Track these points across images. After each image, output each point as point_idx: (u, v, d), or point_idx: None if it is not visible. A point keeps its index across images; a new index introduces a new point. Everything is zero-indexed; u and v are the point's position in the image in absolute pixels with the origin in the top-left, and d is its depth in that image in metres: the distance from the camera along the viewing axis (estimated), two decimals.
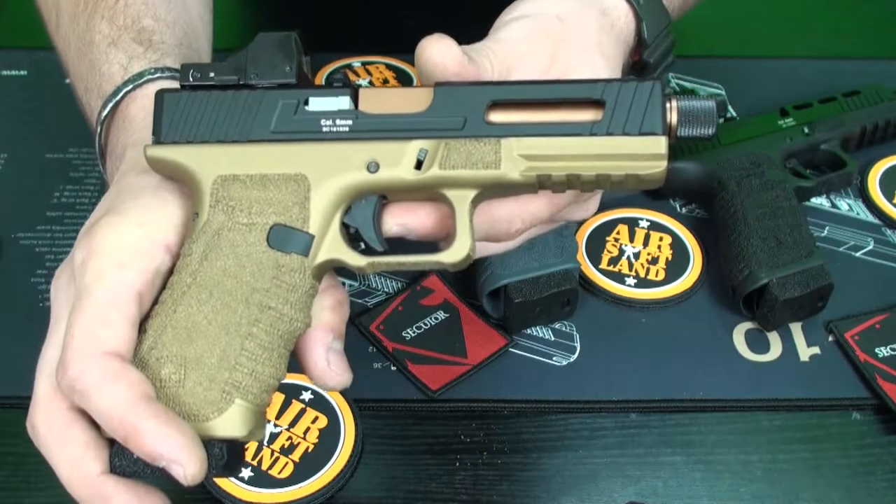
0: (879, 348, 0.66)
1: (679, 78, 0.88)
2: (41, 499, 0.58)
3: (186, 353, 0.44)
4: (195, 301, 0.45)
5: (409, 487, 0.59)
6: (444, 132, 0.47)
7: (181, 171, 0.47)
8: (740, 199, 0.71)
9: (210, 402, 0.44)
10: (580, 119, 0.47)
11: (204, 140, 0.47)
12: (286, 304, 0.45)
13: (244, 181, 0.46)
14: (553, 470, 0.60)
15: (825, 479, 0.60)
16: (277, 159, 0.47)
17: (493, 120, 0.47)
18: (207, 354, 0.44)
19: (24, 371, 0.64)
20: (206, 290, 0.45)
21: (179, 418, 0.43)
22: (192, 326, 0.44)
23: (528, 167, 0.46)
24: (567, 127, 0.47)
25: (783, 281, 0.65)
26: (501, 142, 0.46)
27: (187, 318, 0.45)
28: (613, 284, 0.70)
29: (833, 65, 0.90)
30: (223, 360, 0.44)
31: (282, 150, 0.47)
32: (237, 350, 0.44)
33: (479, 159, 0.46)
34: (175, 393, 0.44)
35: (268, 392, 0.45)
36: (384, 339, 0.66)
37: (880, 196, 0.77)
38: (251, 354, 0.44)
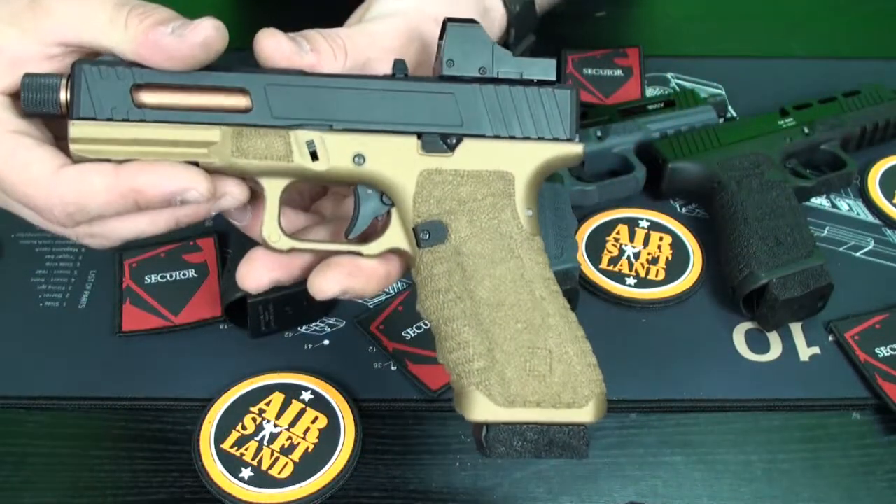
0: (879, 348, 0.66)
1: (679, 78, 0.88)
2: (41, 498, 0.58)
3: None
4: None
5: (409, 487, 0.59)
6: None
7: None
8: (740, 199, 0.71)
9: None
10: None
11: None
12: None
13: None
14: (553, 470, 0.60)
15: (825, 479, 0.60)
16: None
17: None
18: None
19: (25, 371, 0.64)
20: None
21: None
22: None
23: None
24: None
25: (783, 281, 0.65)
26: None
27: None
28: (613, 284, 0.70)
29: (833, 65, 0.90)
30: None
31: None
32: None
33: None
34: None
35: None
36: (384, 339, 0.66)
37: (880, 196, 0.77)
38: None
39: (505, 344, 0.48)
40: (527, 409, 0.48)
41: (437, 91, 0.50)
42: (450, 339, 0.49)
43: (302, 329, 0.67)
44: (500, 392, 0.48)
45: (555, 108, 0.51)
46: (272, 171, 0.50)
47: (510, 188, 0.51)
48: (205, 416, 0.61)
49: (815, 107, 0.80)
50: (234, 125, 0.49)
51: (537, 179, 0.52)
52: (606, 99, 0.85)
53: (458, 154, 0.50)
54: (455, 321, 0.49)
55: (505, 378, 0.48)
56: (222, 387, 0.62)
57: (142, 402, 0.63)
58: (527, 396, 0.48)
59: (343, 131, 0.50)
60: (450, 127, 0.50)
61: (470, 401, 0.48)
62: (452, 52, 0.51)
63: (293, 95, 0.50)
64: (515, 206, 0.50)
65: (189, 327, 0.67)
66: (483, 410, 0.48)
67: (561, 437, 0.48)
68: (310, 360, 0.65)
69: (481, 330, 0.49)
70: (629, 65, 0.89)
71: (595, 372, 0.50)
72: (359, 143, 0.50)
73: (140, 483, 0.59)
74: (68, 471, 0.59)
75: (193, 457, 0.59)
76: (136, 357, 0.65)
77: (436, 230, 0.50)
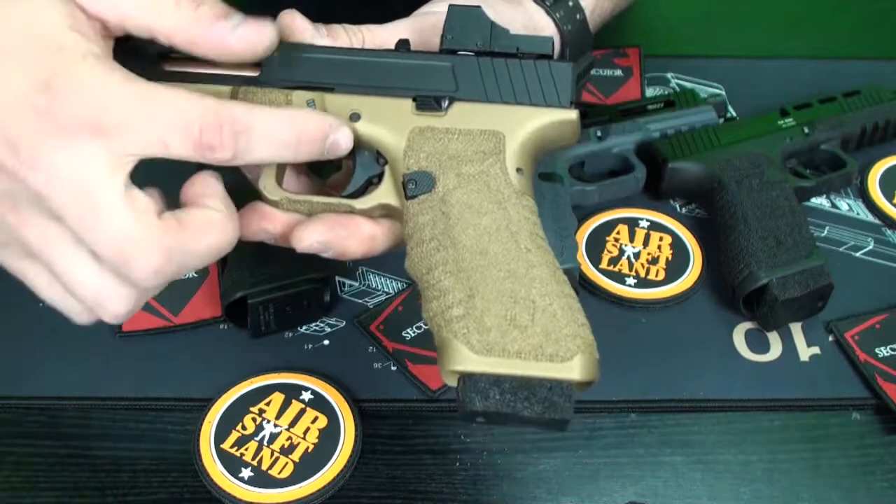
0: (879, 348, 0.66)
1: (679, 78, 0.88)
2: (42, 499, 0.58)
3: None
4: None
5: (409, 487, 0.59)
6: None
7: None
8: (740, 199, 0.71)
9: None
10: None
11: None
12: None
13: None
14: (553, 470, 0.60)
15: (825, 479, 0.60)
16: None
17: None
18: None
19: (25, 371, 0.64)
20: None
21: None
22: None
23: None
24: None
25: (783, 281, 0.65)
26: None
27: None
28: (613, 284, 0.70)
29: (833, 65, 0.90)
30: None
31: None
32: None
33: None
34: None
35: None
36: (384, 339, 0.66)
37: (880, 196, 0.77)
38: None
39: (486, 291, 0.46)
40: (506, 359, 0.45)
41: (435, 61, 0.52)
42: (431, 289, 0.48)
43: (302, 329, 0.67)
44: (479, 340, 0.45)
45: (550, 79, 0.52)
46: None
47: (500, 146, 0.51)
48: (205, 416, 0.61)
49: (815, 107, 0.80)
50: (243, 85, 0.51)
51: (531, 142, 0.52)
52: (606, 99, 0.85)
53: (450, 114, 0.52)
54: (436, 269, 0.48)
55: (484, 325, 0.46)
56: (222, 387, 0.63)
57: (142, 402, 0.63)
58: (506, 346, 0.45)
59: (343, 93, 0.52)
60: (445, 92, 0.52)
61: (448, 350, 0.46)
62: (452, 29, 0.53)
63: (300, 62, 0.52)
64: (505, 162, 0.51)
65: (189, 327, 0.67)
66: (461, 359, 0.45)
67: (542, 391, 0.45)
68: (310, 360, 0.65)
69: (462, 277, 0.47)
70: (629, 65, 0.89)
71: (583, 329, 0.47)
72: (356, 102, 0.52)
73: (140, 483, 0.59)
74: (68, 471, 0.59)
75: (193, 457, 0.59)
76: (136, 357, 0.65)
77: (423, 180, 0.50)
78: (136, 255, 0.44)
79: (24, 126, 0.43)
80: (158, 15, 0.46)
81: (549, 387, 0.45)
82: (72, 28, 0.44)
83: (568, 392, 0.45)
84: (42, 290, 0.49)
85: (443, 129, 0.51)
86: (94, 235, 0.44)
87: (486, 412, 0.45)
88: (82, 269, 0.46)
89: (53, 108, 0.43)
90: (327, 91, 0.52)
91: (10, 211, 0.45)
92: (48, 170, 0.43)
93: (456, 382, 0.46)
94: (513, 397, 0.45)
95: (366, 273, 0.71)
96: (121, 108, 0.44)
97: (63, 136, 0.43)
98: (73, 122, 0.43)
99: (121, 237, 0.44)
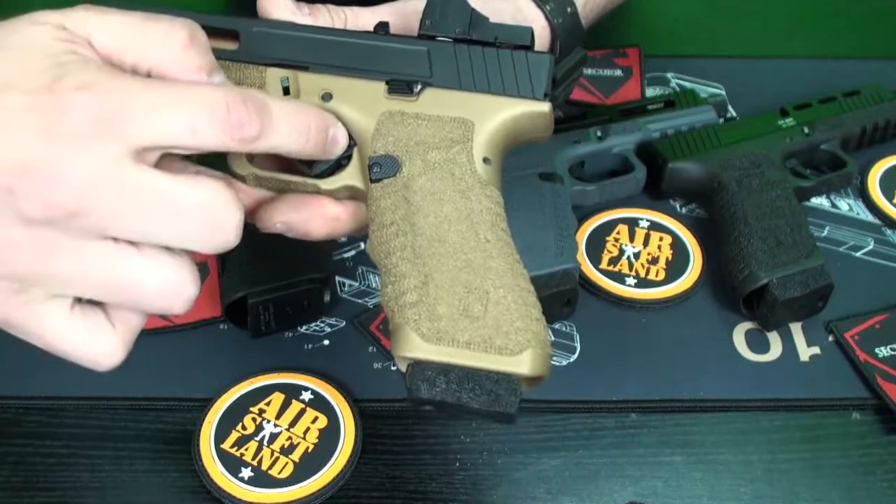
0: (879, 348, 0.66)
1: (679, 78, 0.88)
2: (42, 499, 0.58)
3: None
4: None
5: (409, 487, 0.59)
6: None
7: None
8: (740, 199, 0.71)
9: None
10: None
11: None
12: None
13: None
14: (553, 470, 0.60)
15: (825, 479, 0.60)
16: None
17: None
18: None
19: (25, 371, 0.64)
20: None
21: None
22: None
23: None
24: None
25: (783, 281, 0.65)
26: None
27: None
28: (613, 284, 0.70)
29: (833, 65, 0.90)
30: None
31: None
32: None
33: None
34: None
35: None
36: (384, 339, 0.66)
37: (880, 196, 0.77)
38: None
39: (440, 280, 0.46)
40: (455, 349, 0.44)
41: (411, 45, 0.52)
42: (388, 273, 0.48)
43: (302, 329, 0.67)
44: (429, 328, 0.45)
45: (526, 70, 0.52)
46: None
47: (469, 135, 0.51)
48: (205, 416, 0.61)
49: (815, 107, 0.80)
50: (219, 59, 0.50)
51: (501, 133, 0.52)
52: (606, 99, 0.85)
53: (422, 99, 0.51)
54: (394, 254, 0.48)
55: (436, 314, 0.45)
56: (222, 387, 0.62)
57: (142, 402, 0.63)
58: (456, 335, 0.45)
59: (316, 73, 0.52)
60: (419, 77, 0.52)
61: (398, 336, 0.45)
62: (432, 14, 0.53)
63: (276, 40, 0.52)
64: (472, 152, 0.50)
65: (189, 327, 0.67)
66: (410, 346, 0.45)
67: (488, 384, 0.44)
68: (310, 360, 0.65)
69: (419, 263, 0.47)
70: (629, 65, 0.89)
71: (537, 325, 0.46)
72: (329, 82, 0.52)
73: (140, 483, 0.59)
74: (68, 471, 0.59)
75: (193, 457, 0.59)
76: (136, 357, 0.65)
77: (387, 164, 0.50)
78: (221, 213, 0.43)
79: (33, 145, 0.40)
80: (145, 47, 0.44)
81: (495, 379, 0.44)
82: (70, 52, 0.43)
83: (514, 386, 0.44)
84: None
85: (413, 114, 0.51)
86: (162, 220, 0.42)
87: (433, 401, 0.44)
88: (143, 266, 0.43)
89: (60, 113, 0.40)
90: (301, 69, 0.52)
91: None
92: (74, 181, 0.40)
93: (406, 368, 0.46)
94: (458, 387, 0.44)
95: (366, 273, 0.71)
96: (143, 100, 0.41)
97: (79, 140, 0.40)
98: (86, 124, 0.40)
99: (199, 204, 0.42)
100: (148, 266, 0.43)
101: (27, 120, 0.40)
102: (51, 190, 0.39)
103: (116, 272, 0.42)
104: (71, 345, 0.44)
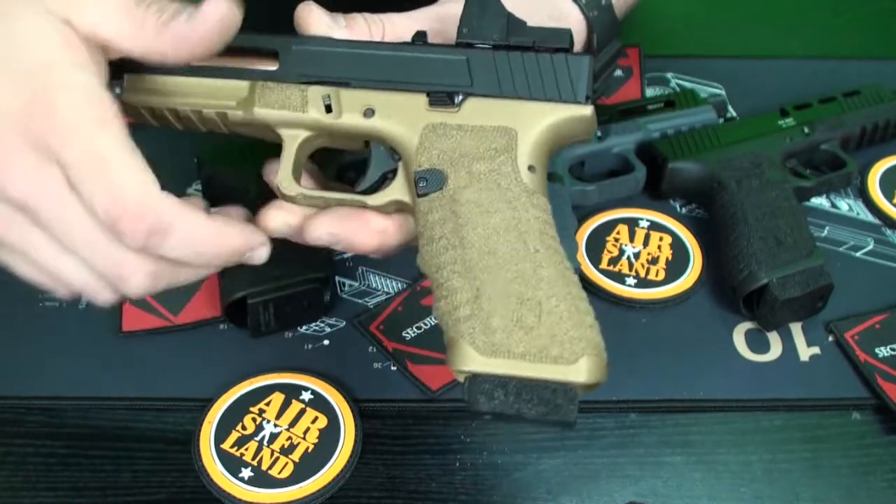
0: (879, 348, 0.66)
1: (679, 78, 0.88)
2: (42, 499, 0.58)
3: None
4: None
5: (409, 487, 0.59)
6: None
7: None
8: (740, 199, 0.71)
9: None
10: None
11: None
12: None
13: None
14: (553, 470, 0.60)
15: (825, 479, 0.60)
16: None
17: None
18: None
19: (25, 371, 0.64)
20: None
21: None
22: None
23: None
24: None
25: (783, 281, 0.65)
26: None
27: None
28: (613, 284, 0.70)
29: (833, 65, 0.90)
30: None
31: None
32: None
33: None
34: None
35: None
36: (384, 339, 0.66)
37: (880, 196, 0.77)
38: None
39: (493, 292, 0.47)
40: (511, 361, 0.46)
41: (450, 55, 0.52)
42: (440, 288, 0.48)
43: (302, 329, 0.67)
44: (484, 341, 0.46)
45: (567, 73, 0.51)
46: (289, 121, 0.53)
47: (513, 143, 0.51)
48: (205, 416, 0.61)
49: (815, 107, 0.80)
50: (260, 80, 0.52)
51: (544, 139, 0.51)
52: (606, 99, 0.85)
53: (463, 110, 0.51)
54: (445, 268, 0.48)
55: (490, 327, 0.46)
56: (222, 387, 0.63)
57: (142, 402, 0.63)
58: (511, 347, 0.46)
59: (358, 88, 0.52)
60: (459, 87, 0.52)
61: (454, 350, 0.46)
62: (468, 21, 0.52)
63: (316, 56, 0.53)
64: (517, 160, 0.50)
65: (189, 327, 0.67)
66: (466, 360, 0.46)
67: (546, 394, 0.45)
68: (310, 360, 0.65)
69: (470, 277, 0.47)
70: (629, 65, 0.89)
71: (591, 332, 0.47)
72: (371, 98, 0.52)
73: (140, 483, 0.59)
74: (68, 471, 0.59)
75: (193, 457, 0.59)
76: (136, 357, 0.65)
77: (433, 178, 0.50)
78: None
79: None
80: (129, 31, 0.47)
81: (552, 389, 0.45)
82: (63, 47, 0.45)
83: (571, 394, 0.45)
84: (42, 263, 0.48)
85: (455, 125, 0.51)
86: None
87: (492, 412, 0.45)
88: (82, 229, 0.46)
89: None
90: (342, 86, 0.52)
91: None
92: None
93: (464, 381, 0.46)
94: (516, 399, 0.45)
95: (366, 273, 0.71)
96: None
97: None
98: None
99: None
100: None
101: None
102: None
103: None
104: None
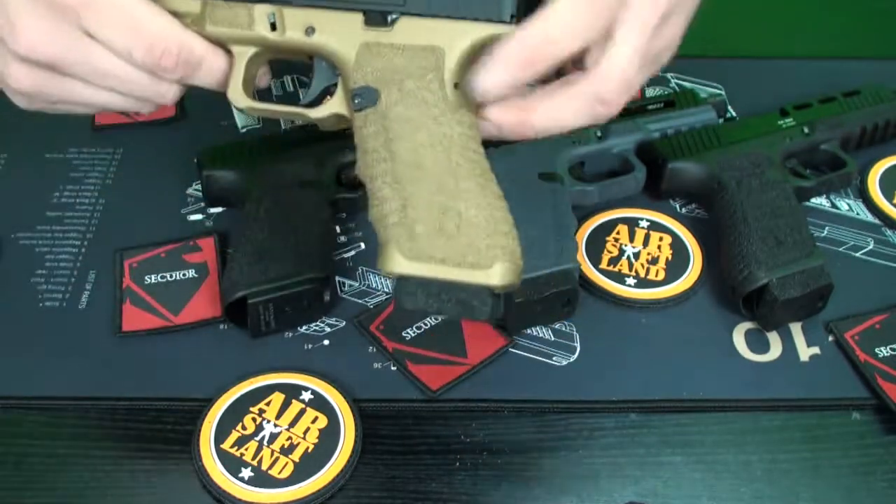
0: (879, 348, 0.66)
1: (679, 78, 0.88)
2: (42, 498, 0.58)
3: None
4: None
5: (409, 487, 0.59)
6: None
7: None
8: (740, 199, 0.71)
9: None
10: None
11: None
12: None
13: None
14: (553, 470, 0.60)
15: (825, 479, 0.60)
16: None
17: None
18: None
19: (25, 371, 0.64)
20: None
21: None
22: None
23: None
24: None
25: (783, 281, 0.65)
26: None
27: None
28: (613, 284, 0.70)
29: (833, 65, 0.90)
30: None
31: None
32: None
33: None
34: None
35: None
36: (384, 339, 0.66)
37: (880, 196, 0.77)
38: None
39: (418, 202, 0.51)
40: (432, 265, 0.50)
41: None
42: (373, 196, 0.53)
43: (302, 329, 0.67)
44: (410, 247, 0.51)
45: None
46: (238, 39, 0.57)
47: (441, 62, 0.54)
48: (205, 416, 0.61)
49: (815, 107, 0.80)
50: (209, 0, 0.57)
51: (470, 58, 0.55)
52: None
53: (396, 29, 0.55)
54: (377, 178, 0.53)
55: (414, 233, 0.51)
56: (222, 387, 0.62)
57: (142, 402, 0.63)
58: (433, 253, 0.50)
59: (298, 7, 0.56)
60: (392, 5, 0.55)
61: (384, 254, 0.51)
62: None
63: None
64: (443, 78, 0.54)
65: (189, 327, 0.67)
66: (393, 263, 0.51)
67: (464, 296, 0.50)
68: (310, 360, 0.65)
69: (398, 188, 0.52)
70: None
71: (506, 239, 0.51)
72: (311, 16, 0.56)
73: (140, 483, 0.59)
74: (68, 471, 0.59)
75: (193, 457, 0.59)
76: (136, 357, 0.65)
77: (367, 95, 0.54)
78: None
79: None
80: None
81: (468, 291, 0.50)
82: None
83: (484, 296, 0.50)
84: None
85: (388, 44, 0.55)
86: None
87: (416, 309, 0.51)
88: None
89: None
90: (285, 4, 0.56)
91: None
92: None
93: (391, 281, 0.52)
94: (436, 299, 0.51)
95: (366, 273, 0.71)
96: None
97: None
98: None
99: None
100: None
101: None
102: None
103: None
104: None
